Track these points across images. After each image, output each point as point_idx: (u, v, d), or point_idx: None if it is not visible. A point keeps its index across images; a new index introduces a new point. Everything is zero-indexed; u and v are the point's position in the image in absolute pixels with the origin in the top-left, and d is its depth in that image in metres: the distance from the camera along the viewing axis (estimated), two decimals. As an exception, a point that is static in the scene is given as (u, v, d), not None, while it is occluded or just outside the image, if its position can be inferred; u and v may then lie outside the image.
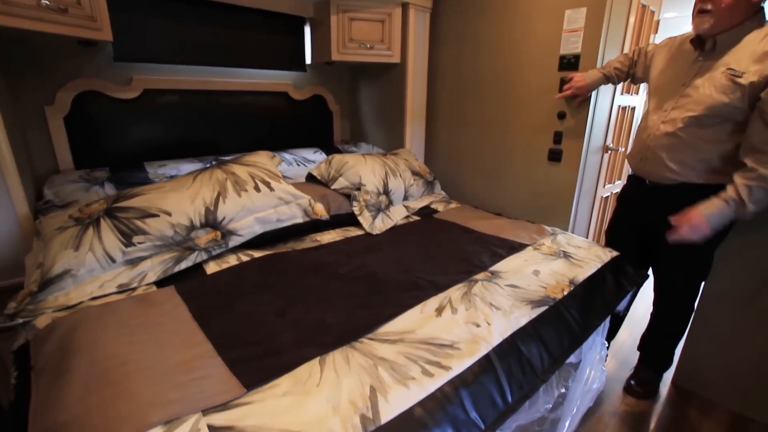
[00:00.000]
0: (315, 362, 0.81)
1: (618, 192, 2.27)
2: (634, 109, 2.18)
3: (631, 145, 1.59)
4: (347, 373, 0.77)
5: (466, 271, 1.21)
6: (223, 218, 1.28)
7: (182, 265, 1.18)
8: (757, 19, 1.14)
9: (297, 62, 2.19)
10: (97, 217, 1.16)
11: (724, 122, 1.17)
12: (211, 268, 1.21)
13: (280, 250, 1.37)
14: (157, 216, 1.18)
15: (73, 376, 0.76)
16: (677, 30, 1.46)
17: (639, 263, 1.47)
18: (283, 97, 2.21)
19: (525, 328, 0.97)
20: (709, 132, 1.19)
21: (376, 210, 1.69)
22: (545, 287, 1.14)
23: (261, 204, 1.35)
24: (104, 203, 1.22)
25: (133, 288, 1.10)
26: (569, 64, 1.72)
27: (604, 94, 1.77)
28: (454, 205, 1.97)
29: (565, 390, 1.19)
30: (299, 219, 1.43)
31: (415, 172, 1.98)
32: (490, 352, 0.86)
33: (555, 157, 1.85)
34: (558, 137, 1.82)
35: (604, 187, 2.09)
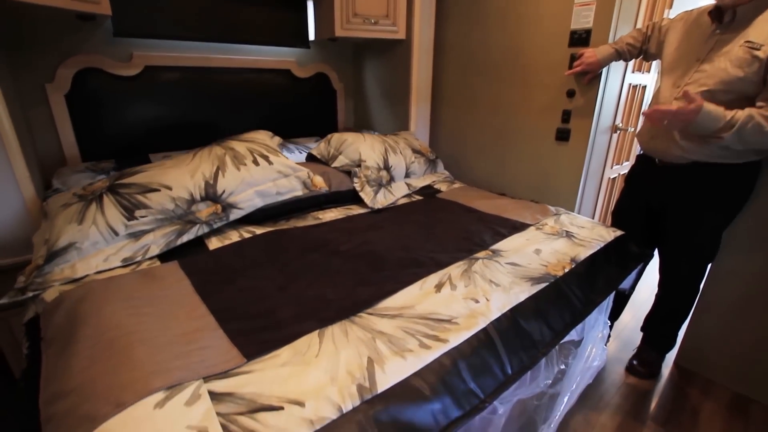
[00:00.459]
0: (314, 335, 0.82)
1: (626, 173, 2.24)
2: (645, 88, 2.12)
3: (641, 123, 1.55)
4: (345, 345, 0.79)
5: (467, 250, 1.21)
6: (223, 191, 1.29)
7: (184, 238, 1.20)
8: None
9: (300, 38, 2.14)
10: (100, 193, 1.18)
11: (739, 98, 1.13)
12: (214, 244, 1.23)
13: (282, 227, 1.37)
14: (158, 190, 1.20)
15: (80, 346, 0.78)
16: (693, 4, 1.40)
17: (645, 245, 1.45)
18: (285, 75, 2.17)
19: (524, 304, 0.97)
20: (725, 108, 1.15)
21: (378, 185, 1.69)
22: (546, 265, 1.14)
23: (260, 177, 1.36)
24: (107, 181, 1.25)
25: (137, 262, 1.12)
26: (580, 39, 1.66)
27: (615, 72, 1.71)
28: (458, 185, 1.95)
29: (565, 367, 1.20)
30: (299, 192, 1.44)
31: (416, 150, 1.96)
32: (488, 326, 0.87)
33: (563, 136, 1.81)
34: (566, 116, 1.78)
35: (612, 168, 2.05)
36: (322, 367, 0.73)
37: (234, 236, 1.28)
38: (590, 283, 1.13)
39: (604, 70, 1.62)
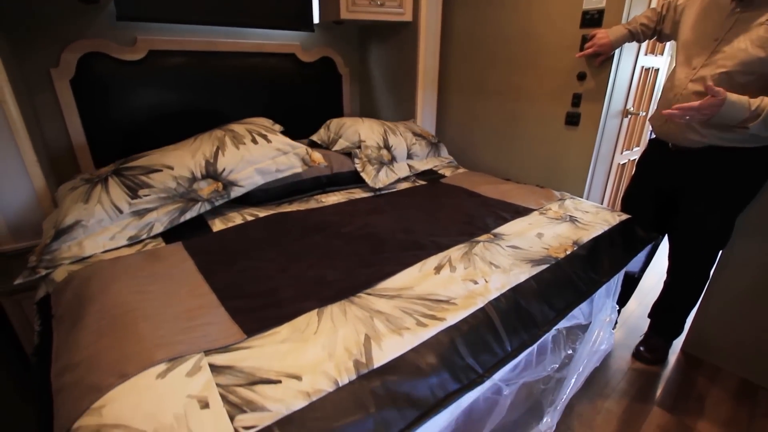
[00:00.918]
0: (313, 313, 0.83)
1: (636, 159, 2.19)
2: (657, 71, 2.06)
3: (655, 106, 1.51)
4: (344, 324, 0.80)
5: (469, 233, 1.21)
6: (223, 169, 1.32)
7: (187, 216, 1.24)
8: None
9: (304, 21, 2.11)
10: (106, 176, 1.21)
11: (758, 79, 1.09)
12: (218, 226, 1.25)
13: (285, 210, 1.39)
14: (161, 170, 1.23)
15: (87, 322, 0.81)
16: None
17: (655, 230, 1.43)
18: (290, 59, 2.16)
19: (524, 284, 0.97)
20: (741, 91, 1.11)
21: (379, 164, 1.70)
22: (547, 248, 1.13)
23: (259, 155, 1.39)
24: (113, 166, 1.28)
25: (142, 240, 1.15)
26: (592, 20, 1.60)
27: (627, 54, 1.66)
28: (462, 170, 1.94)
29: (572, 351, 1.20)
30: (298, 168, 1.46)
31: (417, 134, 1.96)
32: (486, 305, 0.87)
33: (573, 121, 1.77)
34: (577, 100, 1.73)
35: (622, 154, 2.01)
36: (320, 344, 0.74)
37: (237, 219, 1.30)
38: (593, 265, 1.12)
39: (616, 52, 1.57)
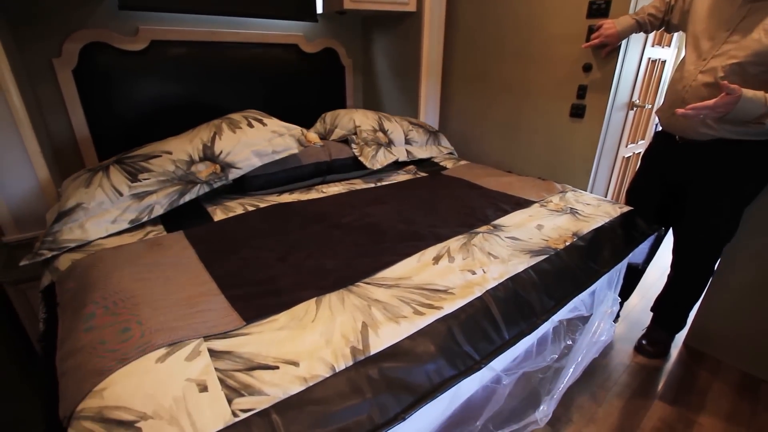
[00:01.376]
0: (312, 302, 0.84)
1: (641, 152, 2.17)
2: (664, 63, 2.02)
3: (662, 99, 1.48)
4: (341, 312, 0.80)
5: (468, 224, 1.21)
6: (221, 152, 1.34)
7: (186, 198, 1.26)
8: None
9: (307, 11, 2.09)
10: (107, 165, 1.23)
11: None
12: (219, 216, 1.26)
13: (285, 200, 1.40)
14: (160, 156, 1.26)
15: (89, 309, 0.82)
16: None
17: (660, 224, 1.42)
18: (293, 50, 2.15)
19: (522, 274, 0.97)
20: (753, 82, 1.09)
21: (376, 145, 1.72)
22: (547, 240, 1.13)
23: (255, 138, 1.41)
24: (115, 157, 1.30)
25: (144, 224, 1.18)
26: (599, 10, 1.58)
27: (634, 46, 1.63)
28: (464, 162, 1.94)
29: (572, 342, 1.20)
30: (294, 149, 1.47)
31: (413, 123, 1.97)
32: (483, 295, 0.88)
33: (578, 113, 1.75)
34: (582, 91, 1.71)
35: (627, 147, 1.99)
36: (317, 331, 0.75)
37: (238, 209, 1.32)
38: (593, 256, 1.12)
39: (623, 43, 1.55)
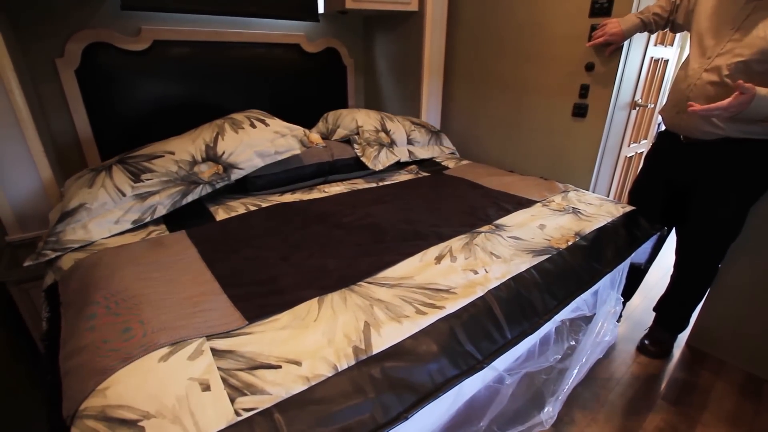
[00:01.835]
0: (314, 301, 0.84)
1: (643, 152, 2.16)
2: (667, 63, 2.02)
3: (665, 98, 1.48)
4: (344, 311, 0.80)
5: (470, 224, 1.21)
6: (223, 152, 1.34)
7: (188, 198, 1.26)
8: None
9: (309, 11, 2.09)
10: (110, 165, 1.23)
11: None
12: (220, 216, 1.26)
13: (287, 200, 1.40)
14: (162, 156, 1.26)
15: (92, 308, 0.82)
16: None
17: (663, 224, 1.41)
18: (295, 50, 2.15)
19: (525, 274, 0.97)
20: (759, 80, 1.08)
21: (379, 145, 1.72)
22: (549, 239, 1.13)
23: (258, 138, 1.40)
24: (117, 157, 1.30)
25: (146, 223, 1.18)
26: (602, 8, 1.57)
27: (637, 45, 1.63)
28: (466, 162, 1.93)
29: (575, 343, 1.20)
30: (296, 150, 1.47)
31: (415, 123, 1.97)
32: (486, 294, 0.87)
33: (580, 112, 1.74)
34: (584, 91, 1.71)
35: (629, 147, 1.98)
36: (320, 331, 0.75)
37: (240, 209, 1.32)
38: (596, 256, 1.12)
39: (626, 43, 1.54)
